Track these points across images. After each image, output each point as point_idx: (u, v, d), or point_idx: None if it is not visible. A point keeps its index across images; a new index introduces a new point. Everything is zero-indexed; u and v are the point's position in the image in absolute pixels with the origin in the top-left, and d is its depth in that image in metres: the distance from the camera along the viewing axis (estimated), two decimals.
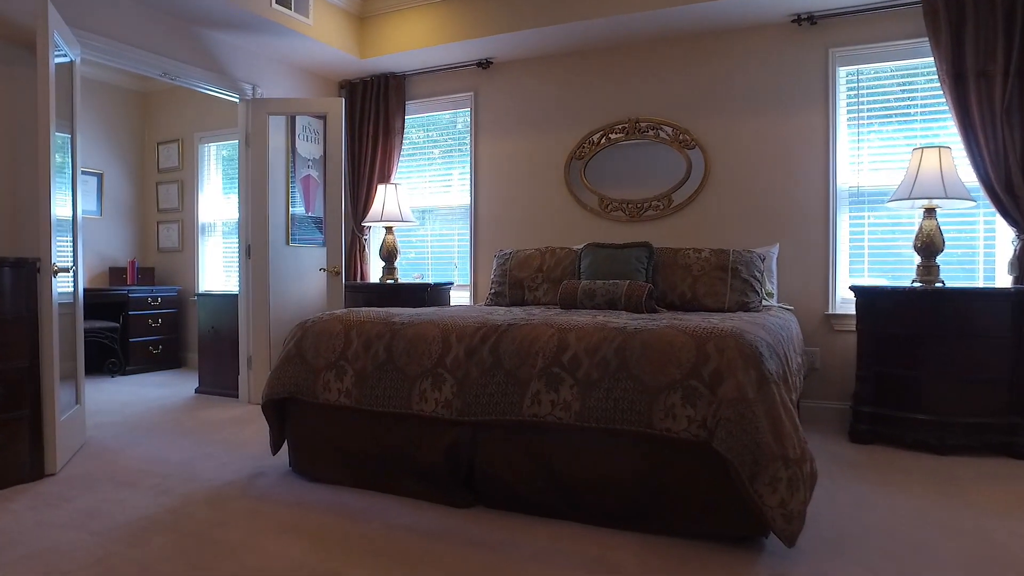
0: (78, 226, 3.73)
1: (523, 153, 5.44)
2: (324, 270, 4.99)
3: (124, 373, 6.37)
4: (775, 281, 4.65)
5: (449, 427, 2.85)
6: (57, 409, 3.24)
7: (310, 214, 5.56)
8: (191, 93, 6.92)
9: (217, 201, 6.96)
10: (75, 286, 3.73)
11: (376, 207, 5.42)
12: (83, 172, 6.58)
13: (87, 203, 6.74)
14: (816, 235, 4.61)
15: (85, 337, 6.34)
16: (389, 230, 5.51)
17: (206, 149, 6.96)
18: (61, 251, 3.53)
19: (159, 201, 7.21)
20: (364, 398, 3.01)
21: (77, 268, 3.72)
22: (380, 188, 5.47)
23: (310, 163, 5.59)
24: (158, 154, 7.20)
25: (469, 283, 5.61)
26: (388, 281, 5.43)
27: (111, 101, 6.99)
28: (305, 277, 5.51)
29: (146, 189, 7.31)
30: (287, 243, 5.34)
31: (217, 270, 6.98)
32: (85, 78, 6.62)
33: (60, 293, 3.43)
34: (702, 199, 4.94)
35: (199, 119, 6.94)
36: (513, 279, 4.71)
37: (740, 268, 4.25)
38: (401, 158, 5.78)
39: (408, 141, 5.90)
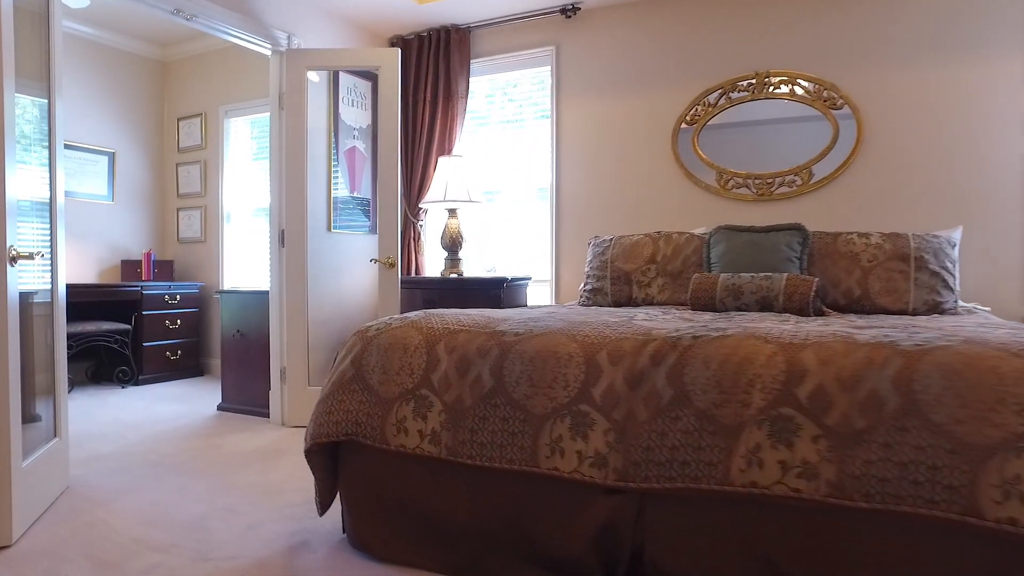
0: (57, 210, 2.78)
1: (618, 120, 4.41)
2: (376, 261, 4.01)
3: (136, 383, 5.45)
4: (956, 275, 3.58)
5: (600, 496, 1.84)
6: (15, 450, 2.29)
7: (355, 194, 4.59)
8: (215, 61, 6.01)
9: (245, 184, 6.03)
10: (53, 280, 2.77)
11: (437, 186, 4.44)
12: (92, 151, 5.70)
13: (96, 186, 5.84)
14: (1015, 216, 3.53)
15: (91, 341, 5.33)
16: (452, 213, 4.52)
17: (232, 124, 6.03)
18: (28, 238, 2.58)
19: (179, 185, 6.30)
20: (460, 446, 2.01)
21: (55, 258, 2.76)
22: (442, 163, 4.48)
23: (356, 133, 4.62)
24: (178, 131, 6.29)
25: (550, 278, 4.60)
26: (451, 275, 4.44)
27: (124, 70, 6.09)
28: (350, 270, 4.54)
29: (164, 171, 6.40)
30: (328, 229, 4.37)
31: (244, 264, 6.04)
32: (93, 43, 5.73)
33: (31, 291, 2.49)
34: (853, 172, 3.87)
35: (224, 89, 6.01)
36: (617, 272, 3.70)
37: (927, 257, 3.22)
38: (463, 129, 4.78)
39: (472, 108, 4.90)
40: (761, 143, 4.06)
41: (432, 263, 5.05)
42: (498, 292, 4.10)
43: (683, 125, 4.22)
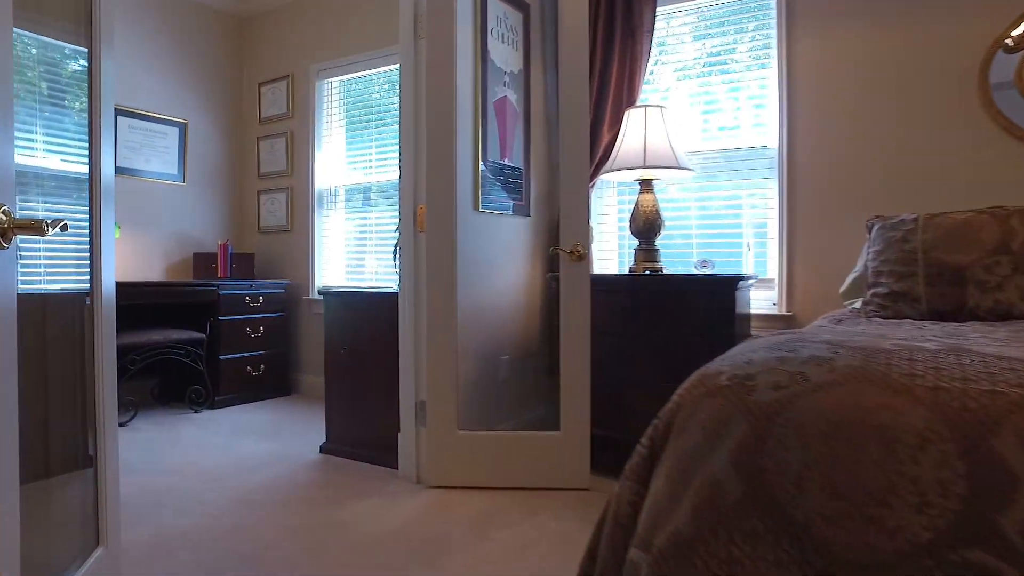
0: (101, 187, 1.63)
1: (881, 53, 3.08)
2: (559, 251, 2.78)
3: (212, 405, 4.36)
4: None
5: None
6: None
7: (506, 161, 3.37)
8: (306, 7, 4.89)
9: (340, 160, 4.89)
10: (93, 274, 1.62)
11: (626, 147, 3.19)
12: (159, 120, 4.65)
13: (164, 163, 4.78)
14: None
15: (158, 354, 4.14)
16: (646, 187, 3.26)
17: (326, 87, 4.90)
18: (68, 217, 1.46)
19: (260, 162, 5.20)
20: None
21: (96, 246, 1.60)
22: (631, 117, 3.24)
23: (506, 78, 3.40)
24: (260, 98, 5.20)
25: (777, 276, 3.29)
26: (645, 271, 3.18)
27: (197, 27, 5.02)
28: (500, 264, 3.33)
29: (243, 146, 5.32)
30: (475, 208, 3.16)
31: (339, 258, 4.91)
32: None
33: (74, 289, 1.36)
34: None
35: (316, 44, 4.88)
36: (937, 267, 2.41)
37: None
38: (646, 74, 3.52)
39: (660, 45, 3.63)
40: None
41: (604, 256, 3.80)
42: (728, 297, 2.83)
43: (997, 57, 2.87)
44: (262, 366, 4.66)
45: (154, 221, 4.74)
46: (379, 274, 4.62)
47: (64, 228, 1.16)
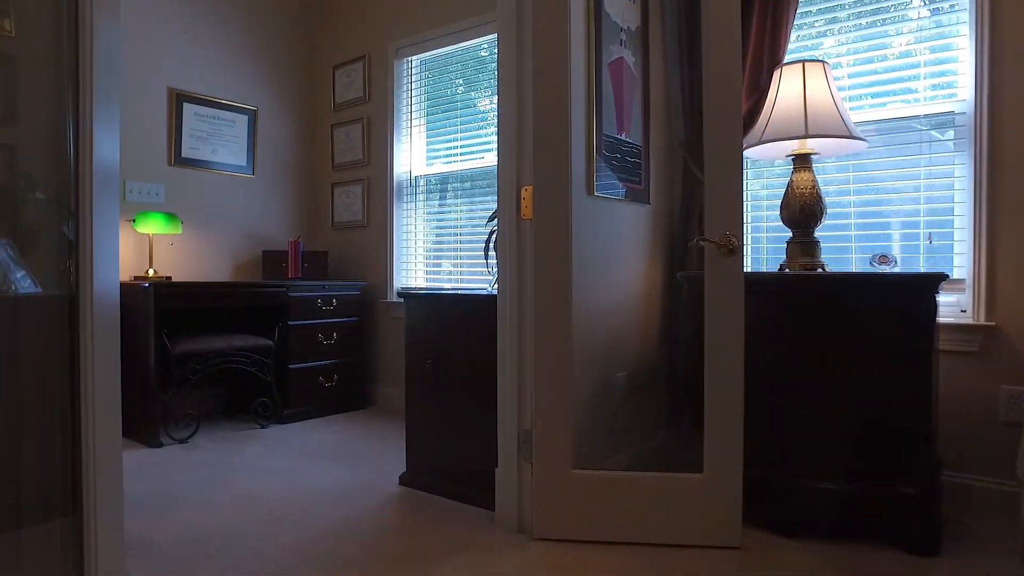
0: (89, 170, 1.10)
1: None
2: (706, 243, 2.16)
3: (281, 419, 3.92)
4: None
5: None
6: None
7: (623, 137, 2.77)
8: None
9: (421, 148, 4.39)
10: (78, 272, 1.10)
11: (779, 115, 2.55)
12: (227, 107, 4.26)
13: (232, 154, 4.40)
14: None
15: (222, 363, 3.64)
16: (803, 163, 2.61)
17: (405, 67, 4.42)
18: None
19: (335, 152, 4.76)
20: None
21: (86, 237, 1.08)
22: (786, 76, 2.60)
23: (623, 36, 2.81)
24: (334, 82, 4.76)
25: (968, 277, 2.57)
26: (801, 269, 2.53)
27: (266, 6, 4.62)
28: (618, 260, 2.73)
29: (317, 134, 4.90)
30: (589, 192, 2.57)
31: (419, 256, 4.41)
32: None
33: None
34: None
35: (394, 19, 4.40)
36: None
37: None
38: (793, 29, 2.86)
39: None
40: None
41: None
42: (926, 303, 2.15)
43: None
44: (335, 376, 4.20)
45: (221, 216, 4.35)
46: (465, 272, 4.09)
47: None
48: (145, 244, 3.93)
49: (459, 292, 2.78)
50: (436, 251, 4.30)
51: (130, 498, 2.62)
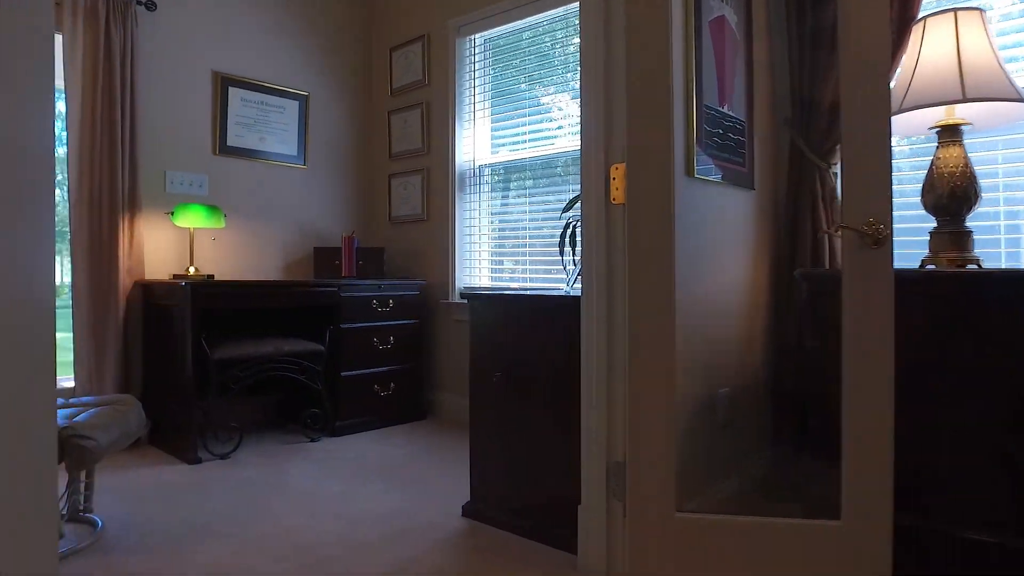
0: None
1: None
2: (843, 230, 1.71)
3: (332, 432, 3.60)
4: None
5: None
6: None
7: (725, 109, 2.33)
8: None
9: (485, 134, 4.02)
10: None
11: (922, 76, 2.08)
12: (277, 92, 3.97)
13: (282, 143, 4.11)
14: None
15: (270, 370, 3.31)
16: (950, 136, 2.12)
17: (468, 46, 4.05)
18: None
19: (392, 140, 4.43)
20: None
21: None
22: (930, 29, 2.11)
23: None
24: (391, 65, 4.43)
25: None
26: (952, 265, 2.04)
27: None
28: (718, 253, 2.29)
29: (373, 121, 4.58)
30: (689, 174, 2.13)
31: (484, 253, 4.04)
32: None
33: None
34: None
35: None
36: None
37: None
38: None
39: None
40: None
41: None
42: None
43: None
44: (391, 384, 3.86)
45: (270, 210, 4.07)
46: (533, 270, 3.70)
47: None
48: (185, 239, 3.67)
49: (533, 293, 2.39)
50: (500, 246, 3.92)
51: (153, 527, 2.32)
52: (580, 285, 2.01)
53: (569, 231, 2.90)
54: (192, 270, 3.52)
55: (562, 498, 2.13)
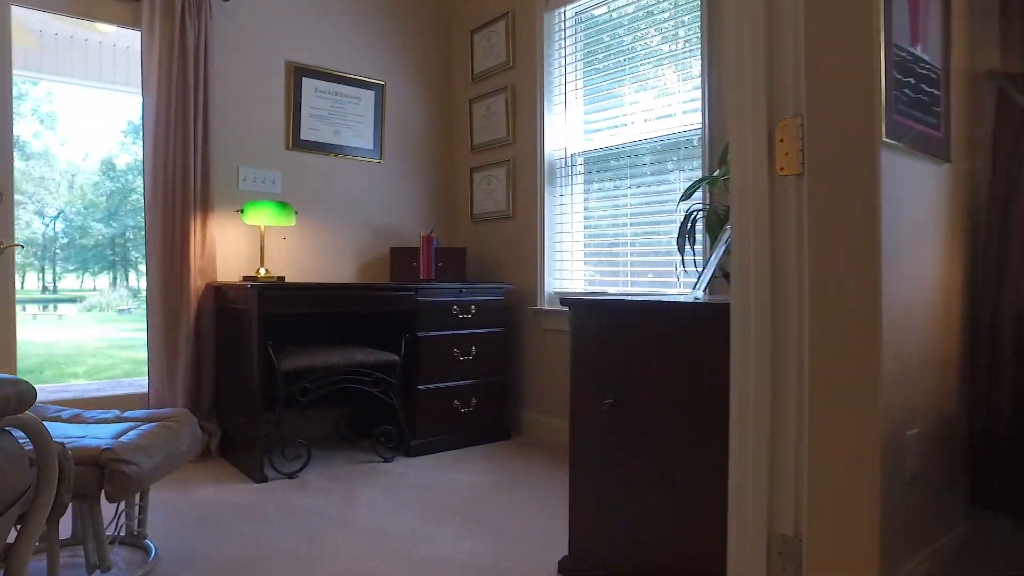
0: None
1: None
2: None
3: (408, 451, 3.19)
4: None
5: None
6: None
7: (918, 50, 1.75)
8: None
9: (578, 119, 3.53)
10: None
11: None
12: (351, 81, 3.61)
13: (357, 136, 3.77)
14: None
15: (339, 382, 2.87)
16: None
17: (557, 20, 3.58)
18: None
19: (474, 130, 4.01)
20: None
21: None
22: None
23: None
24: (472, 48, 4.01)
25: None
26: None
27: None
28: (907, 245, 1.71)
29: (454, 111, 4.18)
30: (882, 137, 1.57)
31: (577, 254, 3.55)
32: None
33: None
34: None
35: None
36: None
37: None
38: None
39: None
40: None
41: None
42: None
43: None
44: (473, 400, 3.42)
45: (345, 208, 3.72)
46: (635, 272, 3.19)
47: None
48: (256, 239, 3.34)
49: (653, 299, 1.88)
50: (597, 245, 3.42)
51: (209, 560, 1.98)
52: (702, 287, 1.49)
53: (689, 223, 2.39)
54: (263, 271, 3.21)
55: (690, 563, 1.61)
